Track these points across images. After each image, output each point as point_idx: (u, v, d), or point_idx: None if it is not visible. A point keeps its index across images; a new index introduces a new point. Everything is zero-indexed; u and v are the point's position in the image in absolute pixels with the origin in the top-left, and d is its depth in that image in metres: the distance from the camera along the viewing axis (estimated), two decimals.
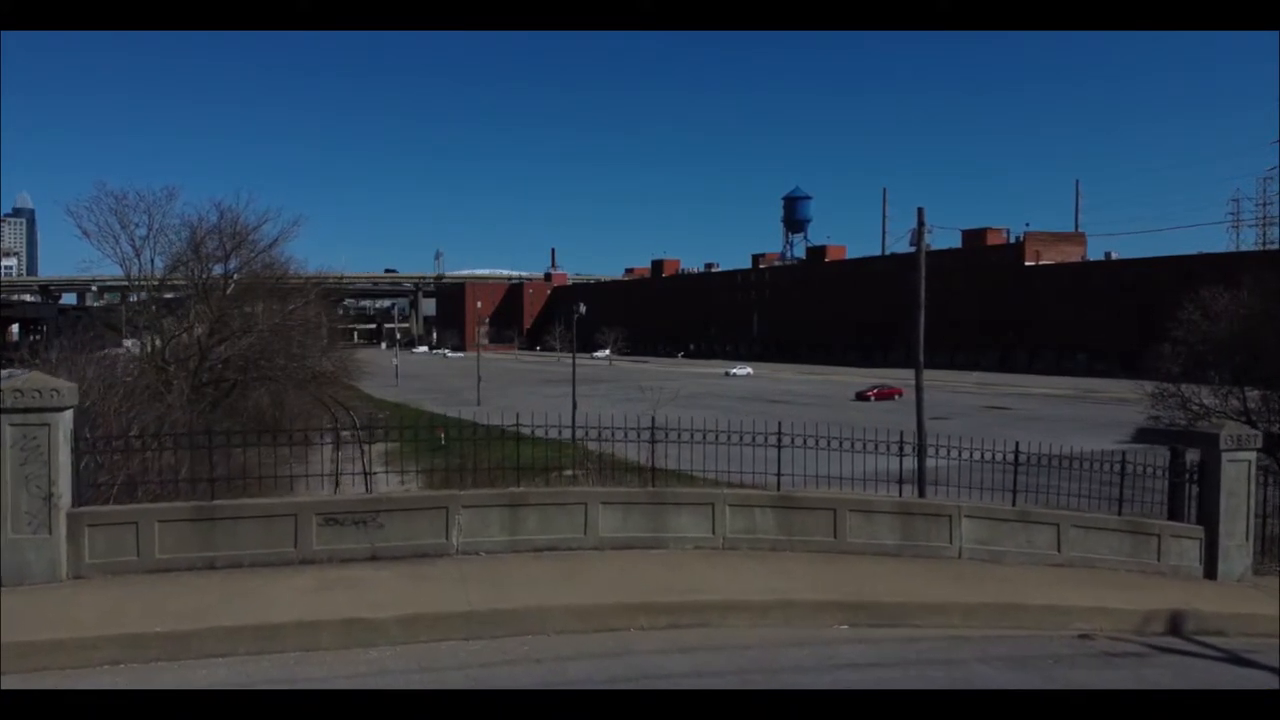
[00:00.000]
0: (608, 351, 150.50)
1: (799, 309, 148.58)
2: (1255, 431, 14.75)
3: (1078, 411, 69.05)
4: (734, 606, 9.62)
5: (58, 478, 10.13)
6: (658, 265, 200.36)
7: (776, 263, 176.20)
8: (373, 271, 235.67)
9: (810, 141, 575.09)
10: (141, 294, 46.69)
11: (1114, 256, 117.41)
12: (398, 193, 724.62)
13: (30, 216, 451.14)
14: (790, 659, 8.57)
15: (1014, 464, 12.81)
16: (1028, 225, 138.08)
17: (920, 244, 27.05)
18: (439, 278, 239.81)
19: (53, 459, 10.10)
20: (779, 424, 11.93)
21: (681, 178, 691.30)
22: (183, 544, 10.44)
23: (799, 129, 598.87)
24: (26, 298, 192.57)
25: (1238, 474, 13.67)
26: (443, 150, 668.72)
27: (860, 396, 78.58)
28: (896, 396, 76.35)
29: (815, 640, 9.20)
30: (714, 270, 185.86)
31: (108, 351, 43.37)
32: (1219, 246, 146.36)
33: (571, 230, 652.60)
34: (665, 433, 11.64)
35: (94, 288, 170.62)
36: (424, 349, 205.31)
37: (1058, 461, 12.97)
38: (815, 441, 11.60)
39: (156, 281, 45.15)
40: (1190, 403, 26.93)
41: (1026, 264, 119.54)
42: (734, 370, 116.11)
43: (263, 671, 8.11)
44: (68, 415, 10.39)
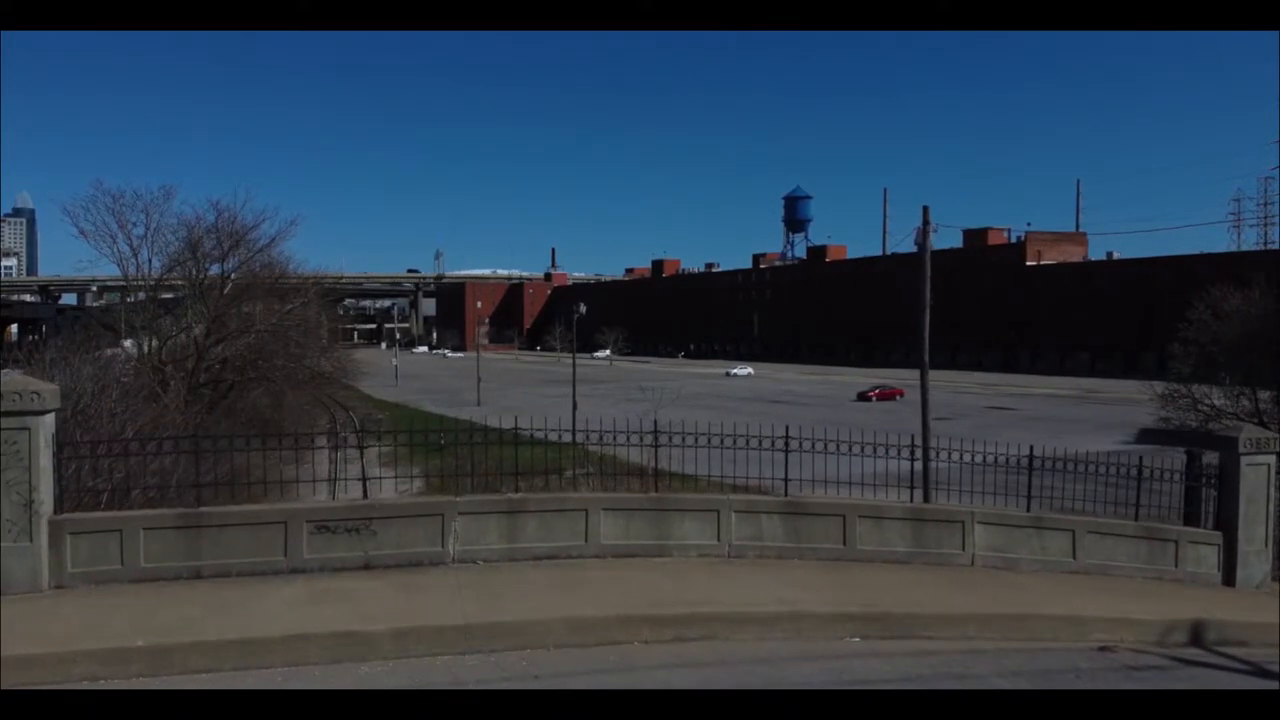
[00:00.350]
0: (608, 352, 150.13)
1: (800, 309, 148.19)
2: (1276, 434, 14.38)
3: (1080, 412, 68.66)
4: (741, 619, 9.24)
5: (39, 483, 9.77)
6: (658, 265, 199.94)
7: (777, 263, 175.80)
8: (373, 271, 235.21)
9: (811, 141, 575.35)
10: (141, 294, 46.36)
11: (1116, 256, 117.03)
12: (398, 193, 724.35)
13: (30, 216, 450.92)
14: (800, 674, 8.20)
15: (1028, 468, 12.43)
16: (1029, 225, 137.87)
17: (925, 242, 26.66)
18: (439, 278, 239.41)
19: (33, 464, 9.73)
20: (786, 428, 11.55)
21: (682, 177, 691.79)
22: (168, 552, 10.07)
23: (799, 129, 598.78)
24: (26, 298, 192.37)
25: (1257, 478, 13.30)
26: (443, 150, 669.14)
27: (862, 397, 78.23)
28: (898, 397, 76.05)
29: (826, 654, 8.82)
30: (715, 270, 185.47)
31: (107, 352, 43.10)
32: (1220, 246, 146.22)
33: (571, 230, 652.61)
34: (669, 436, 11.25)
35: (94, 288, 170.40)
36: (424, 349, 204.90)
37: (1073, 465, 12.61)
38: (825, 445, 11.21)
39: (153, 281, 44.81)
40: (1201, 404, 26.53)
41: (1028, 264, 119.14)
42: (734, 370, 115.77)
43: (248, 688, 7.75)
44: (49, 419, 10.02)
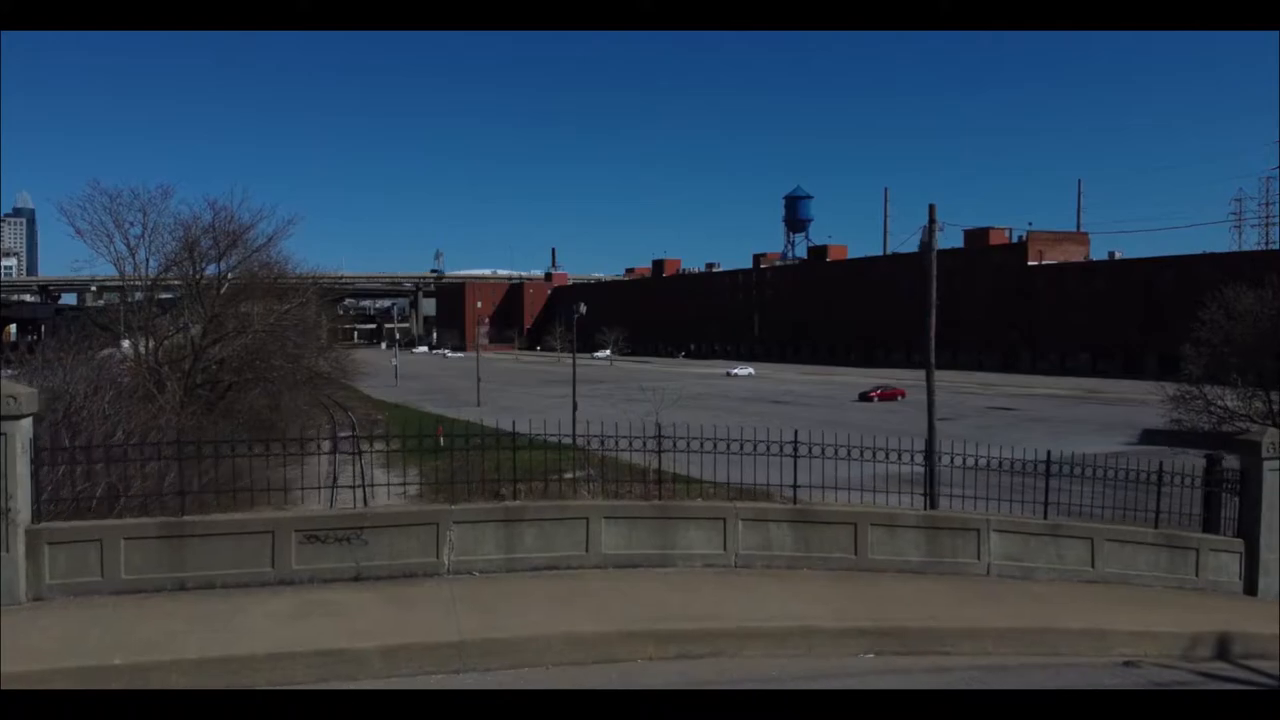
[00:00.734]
0: (608, 352, 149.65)
1: (800, 309, 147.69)
2: None
3: (1082, 412, 68.17)
4: (749, 634, 8.80)
5: (15, 490, 9.34)
6: (659, 265, 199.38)
7: (778, 262, 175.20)
8: (373, 271, 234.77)
9: (811, 141, 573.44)
10: (139, 294, 45.97)
11: (1118, 256, 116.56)
12: (398, 192, 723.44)
13: (30, 216, 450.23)
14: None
15: (1045, 473, 12.00)
16: (1030, 225, 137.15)
17: (932, 241, 26.23)
18: (439, 278, 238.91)
19: (9, 470, 9.31)
20: (795, 433, 11.11)
21: (682, 177, 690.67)
22: (151, 563, 9.64)
23: (800, 129, 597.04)
24: (26, 298, 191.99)
25: None
26: (443, 150, 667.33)
27: (863, 397, 77.78)
28: (899, 397, 75.63)
29: (839, 672, 8.38)
30: (715, 270, 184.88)
31: (104, 353, 42.69)
32: (1220, 246, 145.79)
33: (572, 230, 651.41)
34: (673, 441, 10.81)
35: (93, 288, 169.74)
36: (424, 349, 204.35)
37: (1090, 471, 12.18)
38: (835, 451, 10.78)
39: (150, 281, 44.39)
40: (1214, 405, 26.06)
41: (1029, 264, 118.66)
42: (735, 370, 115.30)
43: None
44: (26, 424, 9.59)
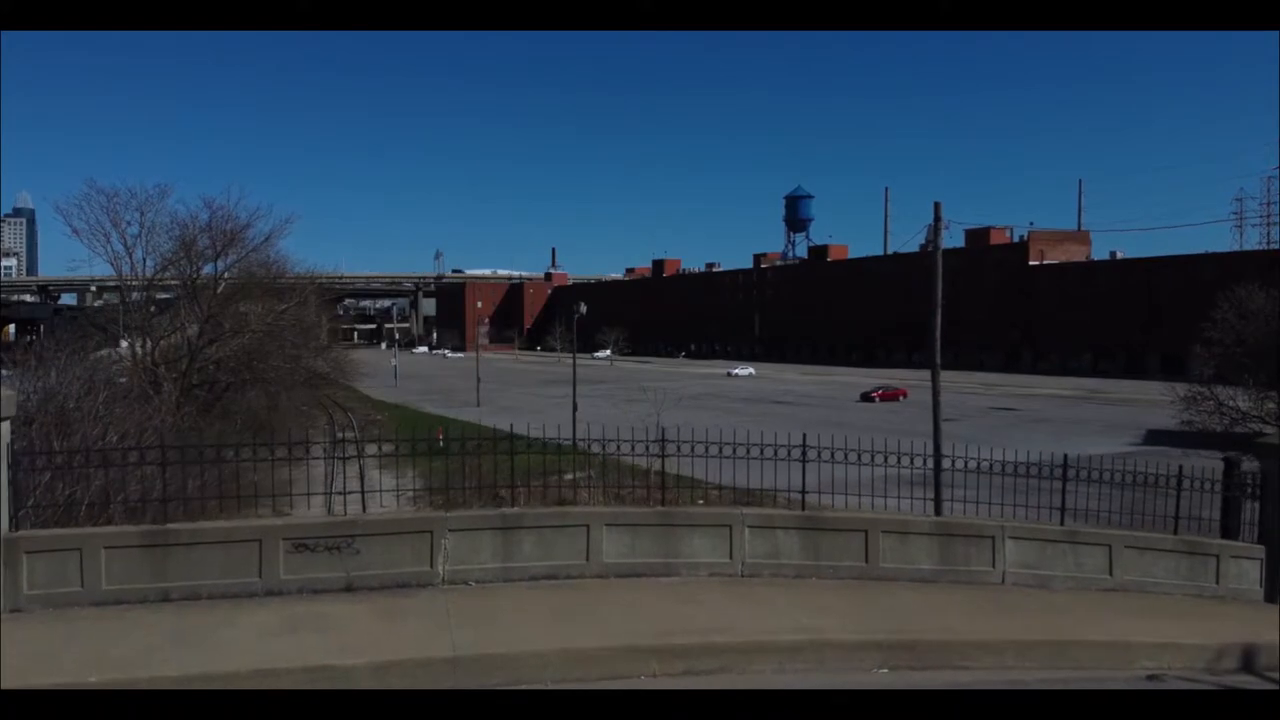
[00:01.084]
0: (609, 352, 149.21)
1: (801, 309, 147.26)
2: None
3: (1085, 413, 67.72)
4: (759, 648, 8.40)
5: None
6: (659, 265, 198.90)
7: (778, 262, 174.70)
8: (373, 271, 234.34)
9: (812, 141, 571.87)
10: (141, 293, 45.61)
11: (1120, 255, 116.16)
12: (398, 192, 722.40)
13: (30, 216, 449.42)
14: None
15: (1062, 477, 11.59)
16: (1032, 224, 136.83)
17: (938, 240, 25.75)
18: (439, 278, 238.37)
19: None
20: (804, 436, 10.71)
21: (682, 177, 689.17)
22: (132, 573, 9.24)
23: (800, 128, 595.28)
24: (26, 298, 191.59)
25: None
26: (443, 150, 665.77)
27: (865, 398, 77.33)
28: (901, 398, 75.21)
29: (852, 687, 7.98)
30: (715, 270, 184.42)
31: (101, 353, 42.29)
32: (1222, 246, 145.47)
33: (572, 230, 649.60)
34: (677, 445, 10.39)
35: (93, 288, 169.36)
36: (424, 349, 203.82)
37: (1109, 475, 11.78)
38: (845, 455, 10.38)
39: (146, 281, 44.02)
40: (1225, 406, 25.64)
41: (1031, 263, 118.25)
42: (736, 370, 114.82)
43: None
44: (3, 427, 9.20)
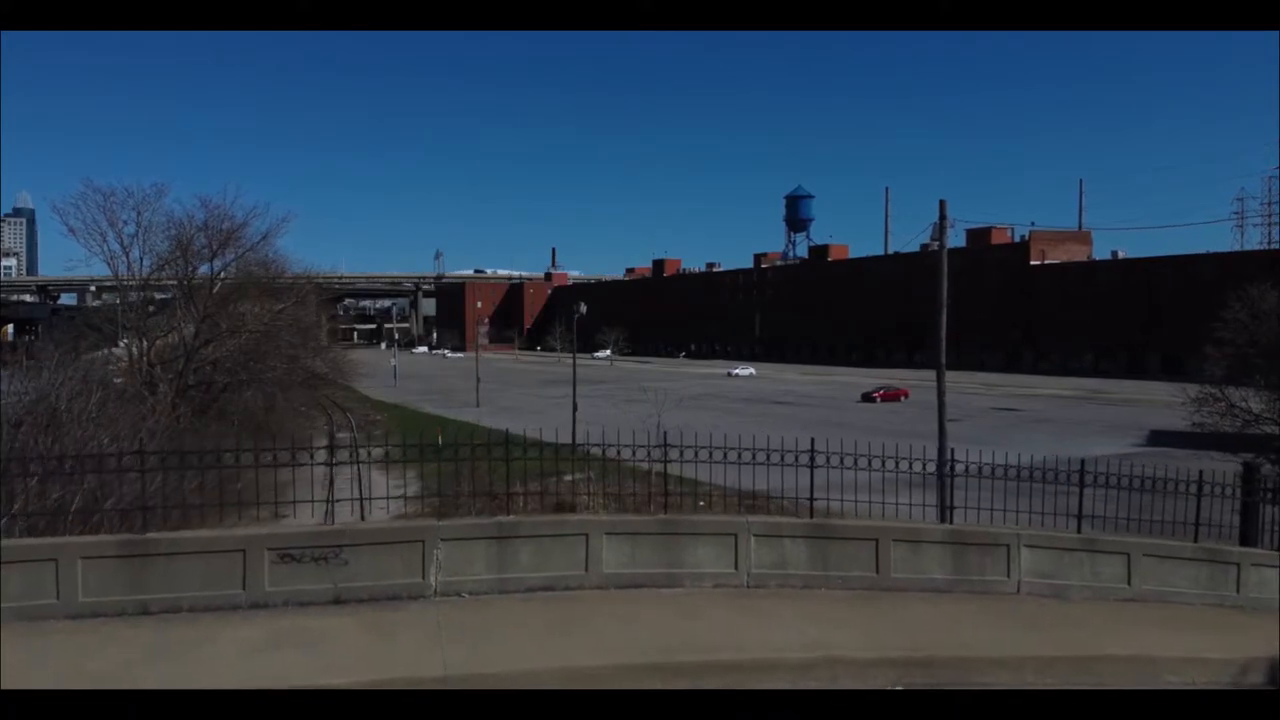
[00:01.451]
0: (609, 352, 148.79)
1: (801, 309, 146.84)
2: None
3: (1087, 413, 67.31)
4: (767, 666, 7.97)
5: None
6: (659, 265, 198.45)
7: (779, 262, 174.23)
8: (373, 271, 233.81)
9: (812, 141, 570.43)
10: (140, 293, 45.24)
11: (1121, 255, 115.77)
12: (397, 192, 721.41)
13: (30, 216, 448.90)
14: None
15: (1079, 483, 11.17)
16: (1033, 224, 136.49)
17: (943, 239, 25.37)
18: (439, 278, 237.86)
19: None
20: (811, 440, 10.29)
21: (682, 177, 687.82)
22: (110, 584, 8.82)
23: (800, 128, 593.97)
24: (26, 298, 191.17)
25: None
26: (443, 150, 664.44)
27: (866, 398, 76.91)
28: (902, 398, 74.79)
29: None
30: (716, 270, 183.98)
31: (99, 353, 41.90)
32: (1223, 245, 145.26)
33: (572, 230, 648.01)
34: (680, 451, 9.97)
35: (92, 288, 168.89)
36: (424, 349, 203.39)
37: (1127, 481, 11.36)
38: (855, 461, 9.96)
39: (142, 281, 43.63)
40: (1237, 407, 25.22)
41: (1032, 263, 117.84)
42: (736, 371, 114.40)
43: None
44: None
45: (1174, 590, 11.56)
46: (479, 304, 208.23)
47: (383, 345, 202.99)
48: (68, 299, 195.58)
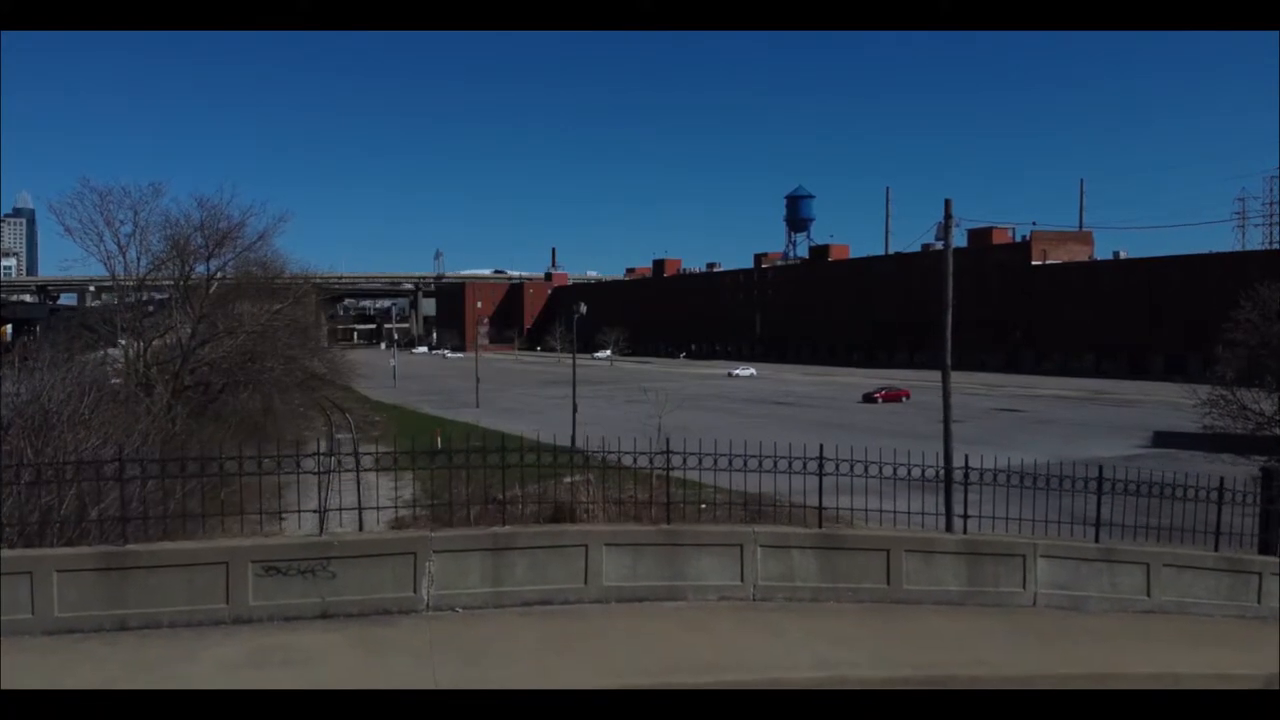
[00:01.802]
0: (609, 352, 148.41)
1: (802, 309, 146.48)
2: None
3: (1089, 414, 66.94)
4: (773, 687, 7.57)
5: None
6: (659, 265, 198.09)
7: (779, 262, 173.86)
8: (372, 271, 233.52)
9: (813, 141, 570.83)
10: (139, 294, 44.87)
11: (1123, 255, 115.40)
12: (397, 192, 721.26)
13: (30, 216, 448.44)
14: None
15: (1098, 490, 10.77)
16: (1034, 224, 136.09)
17: (948, 238, 24.99)
18: (439, 278, 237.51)
19: None
20: (820, 447, 9.89)
21: (683, 177, 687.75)
22: (87, 599, 8.43)
23: (801, 128, 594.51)
24: (25, 298, 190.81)
25: None
26: (443, 150, 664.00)
27: (867, 398, 76.55)
28: (904, 399, 74.43)
29: None
30: (716, 270, 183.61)
31: (98, 354, 41.52)
32: (1225, 245, 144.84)
33: (572, 230, 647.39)
34: (683, 457, 9.58)
35: (92, 288, 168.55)
36: (424, 349, 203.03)
37: (1148, 488, 10.97)
38: (865, 469, 9.56)
39: (139, 281, 43.24)
40: (1249, 409, 24.83)
41: (1033, 263, 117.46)
42: (736, 371, 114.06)
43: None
44: None
45: (1194, 601, 11.17)
46: (479, 304, 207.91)
47: (382, 345, 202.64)
48: (67, 299, 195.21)
